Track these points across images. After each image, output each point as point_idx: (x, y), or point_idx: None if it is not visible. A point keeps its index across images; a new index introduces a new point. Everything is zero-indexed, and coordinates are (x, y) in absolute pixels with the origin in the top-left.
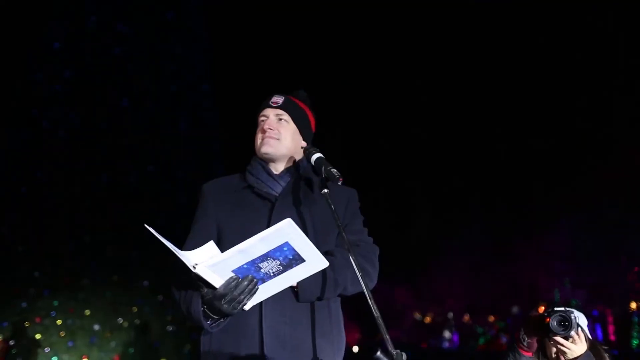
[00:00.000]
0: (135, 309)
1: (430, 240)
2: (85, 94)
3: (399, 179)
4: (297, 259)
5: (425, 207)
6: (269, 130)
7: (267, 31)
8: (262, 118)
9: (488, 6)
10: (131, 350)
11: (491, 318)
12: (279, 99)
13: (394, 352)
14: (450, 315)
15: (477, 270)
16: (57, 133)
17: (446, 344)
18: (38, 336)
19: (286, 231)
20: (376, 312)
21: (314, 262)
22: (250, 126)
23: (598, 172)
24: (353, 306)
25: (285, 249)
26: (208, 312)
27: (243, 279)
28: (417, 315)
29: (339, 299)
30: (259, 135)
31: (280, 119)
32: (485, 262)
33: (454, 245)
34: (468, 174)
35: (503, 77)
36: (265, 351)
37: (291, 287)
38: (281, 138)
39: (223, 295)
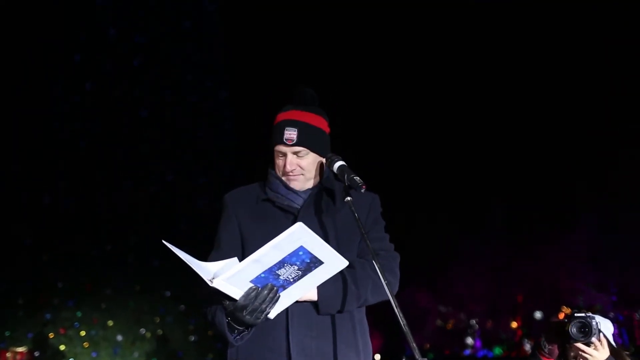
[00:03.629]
0: (157, 319)
1: (450, 243)
2: (105, 106)
3: (419, 181)
4: (315, 262)
5: (446, 210)
6: (291, 172)
7: (284, 38)
8: (279, 154)
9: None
10: None
11: (514, 324)
12: (292, 134)
13: None
14: (473, 322)
15: (499, 273)
16: (78, 144)
17: (468, 351)
18: (62, 347)
19: (298, 235)
20: (403, 321)
21: (333, 262)
22: (267, 133)
23: (620, 171)
24: (375, 313)
25: (300, 253)
26: (232, 323)
27: (263, 288)
28: (439, 322)
29: (363, 309)
30: (280, 171)
31: (299, 154)
32: (506, 264)
33: (475, 248)
34: (488, 176)
35: (523, 79)
36: None
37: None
38: (305, 172)
39: (244, 307)
